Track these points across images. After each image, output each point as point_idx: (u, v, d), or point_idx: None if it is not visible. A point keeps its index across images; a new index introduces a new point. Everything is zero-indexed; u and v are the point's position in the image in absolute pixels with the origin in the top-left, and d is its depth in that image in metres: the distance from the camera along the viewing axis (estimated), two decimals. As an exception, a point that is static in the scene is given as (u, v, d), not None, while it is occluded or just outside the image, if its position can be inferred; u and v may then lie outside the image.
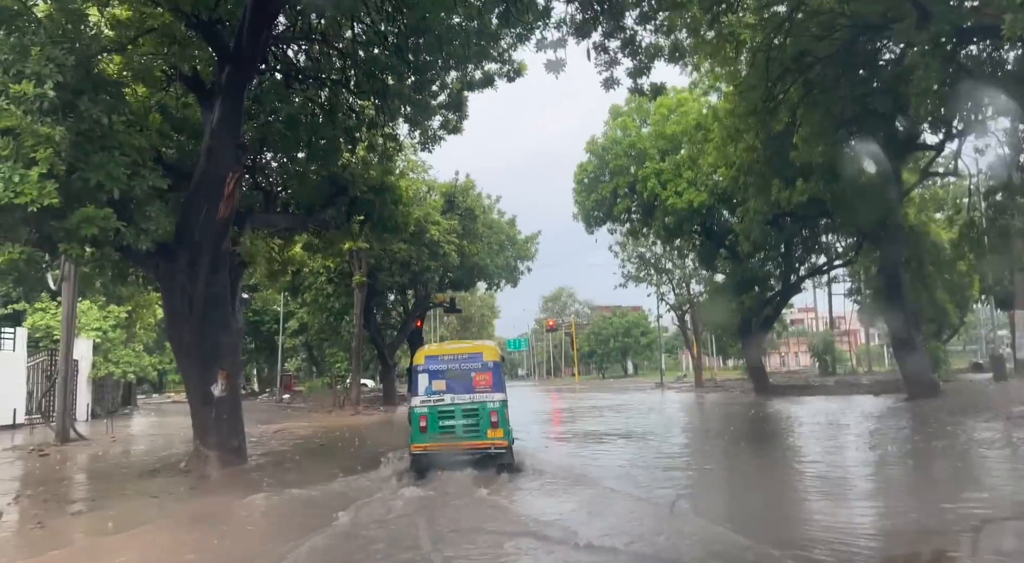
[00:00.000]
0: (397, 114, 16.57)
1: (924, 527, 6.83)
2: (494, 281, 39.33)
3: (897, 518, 7.49)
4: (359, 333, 28.64)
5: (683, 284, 44.72)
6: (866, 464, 11.69)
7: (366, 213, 18.10)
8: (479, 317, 78.39)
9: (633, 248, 44.83)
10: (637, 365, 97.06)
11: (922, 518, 7.18)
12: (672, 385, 49.29)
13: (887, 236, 19.98)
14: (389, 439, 18.28)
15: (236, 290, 12.80)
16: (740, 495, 9.52)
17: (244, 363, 46.10)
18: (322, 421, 24.57)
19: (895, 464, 11.86)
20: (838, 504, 8.28)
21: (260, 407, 33.70)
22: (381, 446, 15.24)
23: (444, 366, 10.41)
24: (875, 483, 10.19)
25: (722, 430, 18.53)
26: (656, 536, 6.79)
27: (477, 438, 10.04)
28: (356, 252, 28.55)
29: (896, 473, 11.04)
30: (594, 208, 31.18)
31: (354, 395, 28.82)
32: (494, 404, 10.09)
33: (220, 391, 11.31)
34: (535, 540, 6.76)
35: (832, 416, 18.81)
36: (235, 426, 11.67)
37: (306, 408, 31.03)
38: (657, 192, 29.20)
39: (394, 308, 42.83)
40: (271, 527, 8.19)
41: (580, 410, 27.00)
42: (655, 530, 7.00)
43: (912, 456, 12.25)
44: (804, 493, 9.38)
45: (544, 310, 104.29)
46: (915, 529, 6.83)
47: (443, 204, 31.88)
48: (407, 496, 8.83)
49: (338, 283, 29.02)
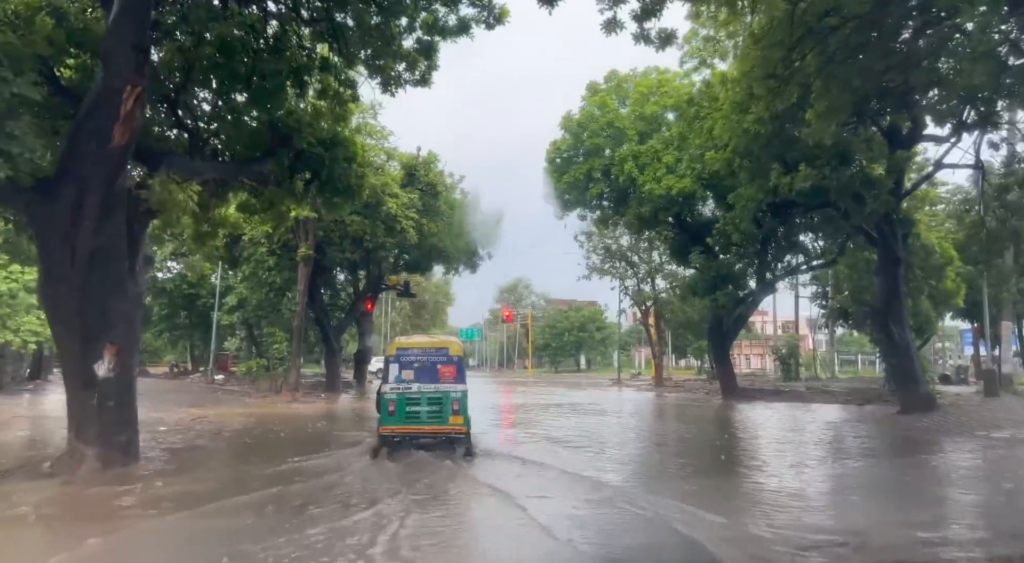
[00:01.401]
0: (355, 59, 14.20)
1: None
2: (453, 265, 36.93)
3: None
4: (302, 311, 25.96)
5: (648, 279, 43.03)
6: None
7: (314, 171, 15.57)
8: (433, 304, 75.80)
9: (600, 239, 43.03)
10: (590, 360, 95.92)
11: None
12: (630, 383, 47.68)
13: (890, 232, 18.33)
14: (328, 432, 15.87)
15: (138, 245, 10.22)
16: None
17: (177, 338, 42.69)
18: (254, 408, 21.92)
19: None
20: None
21: (188, 388, 30.70)
22: (319, 444, 12.84)
23: (413, 358, 11.33)
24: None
25: (710, 444, 16.58)
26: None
27: (440, 423, 11.03)
28: (303, 222, 25.86)
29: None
30: (566, 190, 29.03)
31: (293, 380, 26.16)
32: (456, 394, 11.11)
33: (107, 371, 8.79)
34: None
35: (824, 429, 17.08)
36: (125, 416, 9.14)
37: (239, 392, 28.20)
38: (634, 176, 27.24)
39: (343, 288, 40.18)
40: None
41: (536, 408, 24.78)
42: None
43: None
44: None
45: (500, 300, 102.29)
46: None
47: (403, 177, 29.36)
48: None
49: (281, 255, 26.24)
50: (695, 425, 19.75)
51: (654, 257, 42.73)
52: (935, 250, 23.07)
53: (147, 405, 22.28)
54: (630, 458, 13.03)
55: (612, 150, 28.24)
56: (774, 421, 19.41)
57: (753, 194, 18.40)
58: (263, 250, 25.11)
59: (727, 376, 30.56)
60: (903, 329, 18.27)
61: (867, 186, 16.55)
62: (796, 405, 24.64)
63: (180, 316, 40.59)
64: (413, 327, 76.73)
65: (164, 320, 40.67)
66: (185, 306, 40.37)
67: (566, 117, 29.04)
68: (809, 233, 28.68)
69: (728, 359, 31.10)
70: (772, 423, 18.87)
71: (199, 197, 15.51)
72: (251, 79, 12.99)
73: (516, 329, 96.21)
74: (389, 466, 10.18)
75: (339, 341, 32.40)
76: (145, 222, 10.72)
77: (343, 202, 17.09)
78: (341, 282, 40.25)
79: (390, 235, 27.20)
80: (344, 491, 8.42)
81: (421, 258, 34.90)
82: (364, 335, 41.53)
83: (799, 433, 16.88)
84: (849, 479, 10.45)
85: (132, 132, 8.63)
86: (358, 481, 9.10)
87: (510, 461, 11.30)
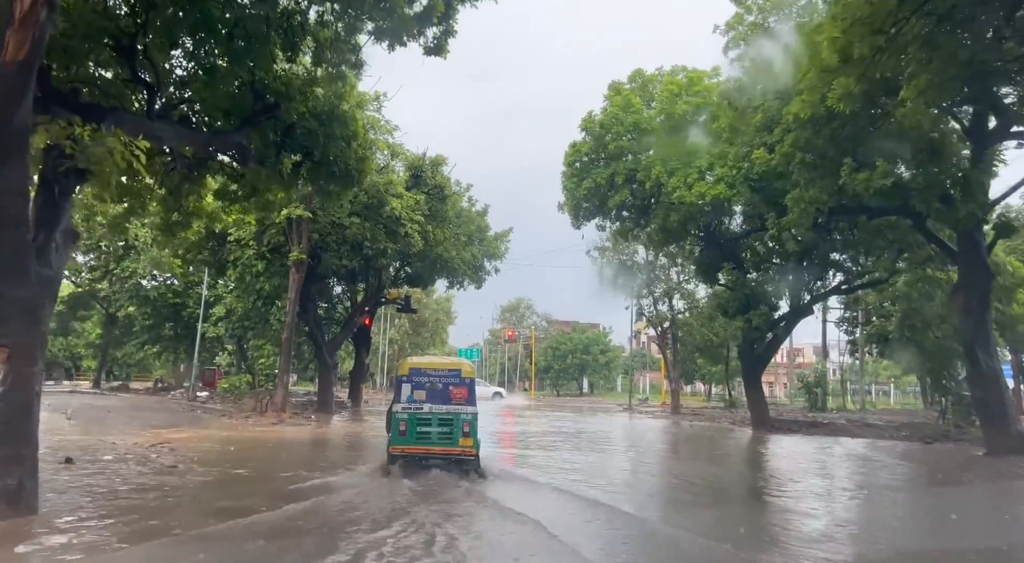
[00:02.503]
0: (360, 24, 11.77)
1: None
2: (458, 279, 34.23)
3: None
4: (291, 322, 23.26)
5: (664, 298, 40.37)
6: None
7: (306, 150, 13.08)
8: (433, 321, 72.93)
9: (614, 254, 40.47)
10: (593, 384, 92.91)
11: None
12: (642, 409, 44.78)
13: (972, 244, 15.72)
14: (310, 463, 13.12)
15: (58, 214, 7.61)
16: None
17: (161, 352, 39.88)
18: (231, 430, 19.17)
19: None
20: None
21: (166, 406, 27.88)
22: (298, 486, 10.10)
23: (426, 378, 11.25)
24: None
25: (776, 489, 13.82)
26: None
27: (450, 445, 10.96)
28: (296, 222, 23.27)
29: None
30: (585, 197, 26.45)
31: (280, 399, 23.38)
32: (467, 416, 11.07)
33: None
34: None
35: (910, 477, 14.33)
36: (14, 450, 6.44)
37: (220, 411, 25.39)
38: (662, 182, 24.73)
39: (340, 301, 37.52)
40: None
41: (545, 440, 21.88)
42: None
43: None
44: None
45: (501, 320, 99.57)
46: None
47: (408, 179, 26.84)
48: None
49: (270, 260, 23.60)
50: (741, 463, 17.01)
51: (672, 275, 40.15)
52: (1007, 268, 20.47)
53: (108, 425, 19.63)
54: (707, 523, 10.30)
55: (637, 154, 25.73)
56: (837, 462, 16.68)
57: (816, 195, 15.79)
58: (251, 253, 22.50)
59: (758, 405, 27.79)
60: (991, 357, 15.59)
61: (960, 186, 14.00)
62: (844, 440, 21.85)
63: (165, 327, 37.86)
64: (412, 346, 73.83)
65: (147, 331, 37.93)
66: (171, 317, 37.61)
67: (587, 118, 26.56)
68: (853, 249, 26.11)
69: (760, 386, 28.34)
70: (837, 465, 16.15)
71: (169, 180, 13.02)
72: (231, 27, 10.52)
73: (518, 350, 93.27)
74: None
75: (333, 357, 29.66)
76: (70, 185, 8.08)
77: (340, 189, 14.54)
78: (338, 295, 37.65)
79: (392, 240, 24.60)
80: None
81: (424, 270, 32.29)
82: (361, 352, 38.84)
83: (871, 477, 14.17)
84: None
85: (34, 44, 6.05)
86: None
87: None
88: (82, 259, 42.18)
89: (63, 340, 53.47)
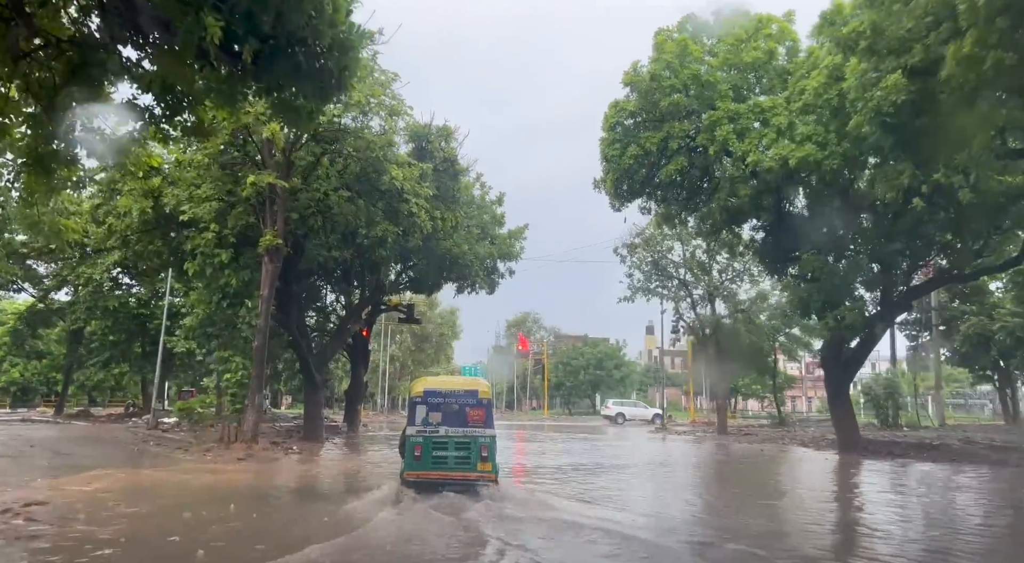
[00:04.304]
0: None
1: None
2: (472, 280, 29.05)
3: None
4: (264, 326, 18.01)
5: (705, 301, 35.17)
6: None
7: (251, 23, 7.95)
8: (437, 336, 67.48)
9: (647, 251, 35.33)
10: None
11: None
12: (676, 429, 39.32)
13: None
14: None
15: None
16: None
17: (121, 374, 34.46)
18: (174, 472, 13.91)
19: None
20: None
21: (115, 437, 22.55)
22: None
23: (441, 399, 10.78)
24: None
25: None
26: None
27: (468, 470, 10.45)
28: (268, 198, 18.17)
29: None
30: (630, 169, 21.34)
31: (250, 426, 18.09)
32: (485, 439, 10.54)
33: None
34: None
35: None
36: None
37: (177, 443, 20.06)
38: (730, 146, 19.72)
39: (333, 310, 32.38)
40: None
41: (582, 475, 16.52)
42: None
43: None
44: None
45: (508, 336, 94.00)
46: None
47: (411, 151, 21.74)
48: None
49: (237, 245, 18.48)
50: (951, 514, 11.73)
51: (714, 274, 34.96)
52: None
53: (5, 468, 14.52)
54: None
55: (697, 113, 20.71)
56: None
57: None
58: (210, 236, 17.40)
59: (846, 424, 22.47)
60: None
61: None
62: (982, 470, 16.62)
63: (134, 343, 32.55)
64: (415, 363, 68.42)
65: (110, 347, 32.63)
66: (136, 331, 32.35)
67: (631, 71, 21.50)
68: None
69: (848, 400, 23.05)
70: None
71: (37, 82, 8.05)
72: None
73: (527, 367, 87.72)
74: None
75: (323, 372, 24.40)
76: None
77: (312, 102, 9.34)
78: (331, 303, 32.47)
79: (393, 222, 19.48)
80: None
81: (430, 270, 27.15)
82: (358, 368, 33.60)
83: None
84: None
85: None
86: None
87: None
88: (44, 270, 37.12)
89: (37, 363, 48.19)
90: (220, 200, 18.15)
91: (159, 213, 18.95)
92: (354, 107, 16.91)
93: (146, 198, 18.44)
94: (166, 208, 18.26)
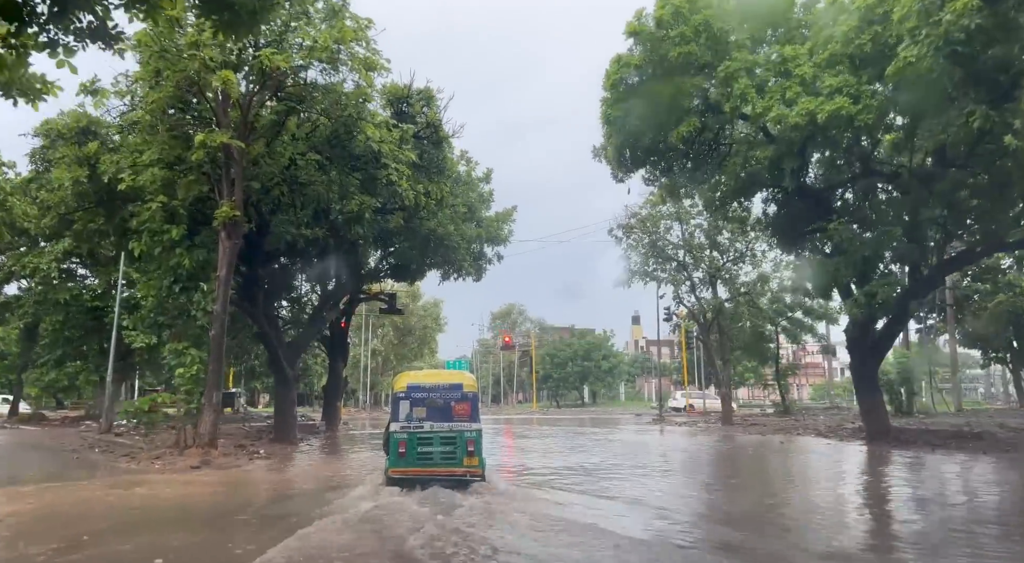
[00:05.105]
0: None
1: None
2: (458, 265, 26.75)
3: None
4: (222, 311, 15.48)
5: (707, 284, 33.06)
6: None
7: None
8: (420, 329, 64.87)
9: (641, 234, 33.13)
10: (595, 393, 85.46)
11: None
12: (675, 419, 37.22)
13: None
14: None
15: None
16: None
17: (75, 373, 31.57)
18: (110, 485, 11.47)
19: None
20: None
21: (59, 443, 19.91)
22: None
23: (425, 394, 10.51)
24: None
25: None
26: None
27: (453, 465, 10.19)
28: (224, 162, 15.66)
29: None
30: (637, 131, 19.07)
31: (206, 427, 15.60)
32: (471, 433, 10.28)
33: None
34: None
35: None
36: None
37: (128, 448, 17.49)
38: (749, 100, 17.49)
39: (308, 300, 29.91)
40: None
41: (595, 477, 14.29)
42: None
43: None
44: None
45: (492, 328, 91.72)
46: None
47: (389, 117, 19.27)
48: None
49: (192, 222, 15.91)
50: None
51: (715, 255, 32.85)
52: None
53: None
54: None
55: (711, 66, 18.45)
56: None
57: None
58: (155, 206, 14.84)
59: (876, 411, 20.44)
60: None
61: None
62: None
63: (80, 338, 29.75)
64: (398, 357, 65.84)
65: (62, 344, 29.81)
66: (92, 326, 29.57)
67: (635, 21, 19.16)
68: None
69: (876, 385, 20.97)
70: None
71: None
72: None
73: (513, 360, 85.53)
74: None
75: (295, 367, 21.88)
76: None
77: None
78: (306, 293, 29.95)
79: (370, 192, 17.05)
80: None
81: (413, 254, 24.84)
82: (337, 362, 31.17)
83: None
84: None
85: None
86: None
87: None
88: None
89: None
90: (168, 168, 15.57)
91: (99, 185, 16.38)
92: (320, 52, 14.39)
93: (80, 166, 15.88)
94: (104, 177, 15.67)
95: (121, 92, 15.98)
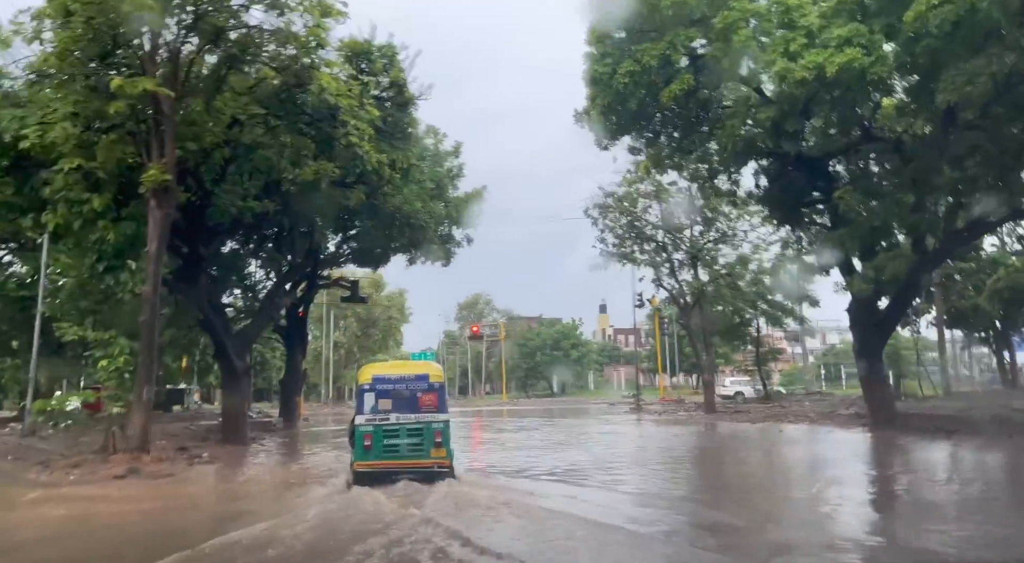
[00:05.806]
0: None
1: None
2: (426, 247, 24.77)
3: None
4: (152, 292, 13.17)
5: (689, 265, 31.49)
6: None
7: None
8: (385, 320, 62.36)
9: (619, 215, 31.45)
10: (564, 383, 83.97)
11: None
12: (653, 409, 35.63)
13: None
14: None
15: None
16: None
17: (10, 368, 28.75)
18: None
19: None
20: None
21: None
22: None
23: (391, 386, 10.33)
24: None
25: None
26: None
27: (421, 457, 10.05)
28: (153, 118, 13.34)
29: None
30: (624, 91, 17.19)
31: (137, 429, 13.34)
32: (439, 424, 10.12)
33: None
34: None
35: None
36: None
37: (45, 454, 15.09)
38: (752, 52, 15.77)
39: (263, 286, 27.43)
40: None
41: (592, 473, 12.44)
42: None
43: None
44: None
45: (459, 318, 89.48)
46: None
47: (350, 76, 17.04)
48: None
49: (119, 192, 13.53)
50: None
51: (695, 234, 31.30)
52: None
53: None
54: None
55: (706, 19, 16.66)
56: None
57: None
58: (67, 168, 12.42)
59: (881, 396, 19.05)
60: None
61: None
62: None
63: (5, 332, 26.89)
64: (361, 349, 63.24)
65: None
66: (19, 319, 26.70)
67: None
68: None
69: (883, 370, 19.61)
70: None
71: None
72: None
73: (481, 351, 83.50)
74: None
75: (245, 359, 19.57)
76: None
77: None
78: (261, 280, 27.47)
79: (326, 155, 14.88)
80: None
81: (377, 235, 22.72)
82: (295, 354, 28.91)
83: None
84: None
85: None
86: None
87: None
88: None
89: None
90: (86, 126, 13.19)
91: (3, 146, 13.88)
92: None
93: None
94: (6, 136, 13.22)
95: (27, 36, 13.51)
